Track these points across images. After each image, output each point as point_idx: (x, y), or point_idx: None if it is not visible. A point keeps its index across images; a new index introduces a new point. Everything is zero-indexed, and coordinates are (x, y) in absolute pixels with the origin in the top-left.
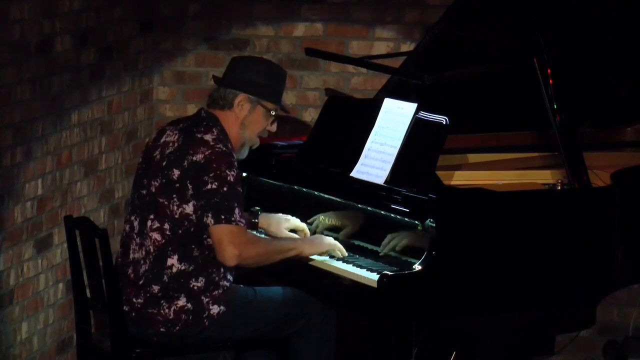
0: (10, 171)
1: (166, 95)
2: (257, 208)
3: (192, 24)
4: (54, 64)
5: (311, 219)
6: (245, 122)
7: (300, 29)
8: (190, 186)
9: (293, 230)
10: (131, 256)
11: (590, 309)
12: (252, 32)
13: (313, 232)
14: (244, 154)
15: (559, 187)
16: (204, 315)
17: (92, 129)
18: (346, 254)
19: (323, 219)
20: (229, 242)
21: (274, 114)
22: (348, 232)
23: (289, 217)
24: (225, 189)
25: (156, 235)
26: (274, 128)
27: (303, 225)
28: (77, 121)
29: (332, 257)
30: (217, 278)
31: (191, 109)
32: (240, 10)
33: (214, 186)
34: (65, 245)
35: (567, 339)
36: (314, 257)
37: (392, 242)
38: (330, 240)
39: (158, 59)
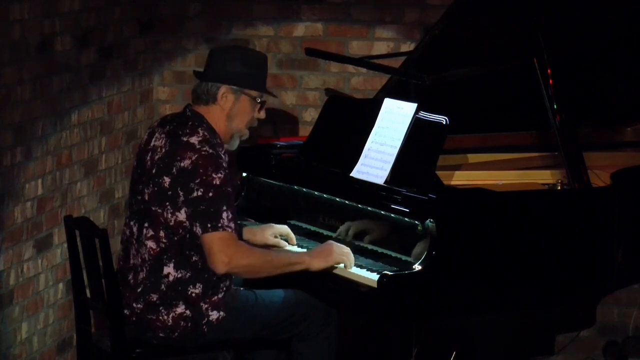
0: (10, 171)
1: (166, 95)
2: (243, 223)
3: (192, 24)
4: (54, 64)
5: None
6: (232, 113)
7: (300, 29)
8: (181, 193)
9: (283, 237)
10: (131, 261)
11: (590, 309)
12: (252, 32)
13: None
14: (233, 145)
15: (559, 187)
16: (203, 322)
17: (92, 129)
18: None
19: (347, 227)
20: (217, 249)
21: (259, 101)
22: (348, 233)
23: (272, 224)
24: (211, 194)
25: (151, 244)
26: (262, 115)
27: (287, 230)
28: (77, 121)
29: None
30: (216, 281)
31: None
32: (240, 10)
33: (199, 193)
34: (65, 245)
35: (567, 339)
36: None
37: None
38: (340, 251)
39: (158, 59)
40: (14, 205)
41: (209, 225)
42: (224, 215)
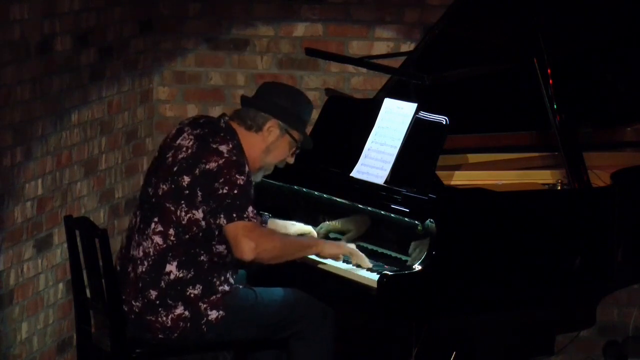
0: (10, 171)
1: (166, 95)
2: (267, 213)
3: (192, 24)
4: (54, 64)
5: (318, 227)
6: (271, 147)
7: (300, 29)
8: (199, 193)
9: (301, 234)
10: (131, 252)
11: (590, 309)
12: (252, 32)
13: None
14: (257, 178)
15: (559, 187)
16: (202, 322)
17: (92, 129)
18: (370, 265)
19: (328, 224)
20: (243, 235)
21: (297, 145)
22: (341, 227)
23: (294, 222)
24: (236, 191)
25: (158, 239)
26: (292, 160)
27: (309, 228)
28: (77, 121)
29: (347, 262)
30: (216, 284)
31: (191, 109)
32: (240, 10)
33: (224, 190)
34: (65, 245)
35: (567, 339)
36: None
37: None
38: (351, 246)
39: (158, 59)
40: (14, 205)
41: (234, 215)
42: (249, 209)
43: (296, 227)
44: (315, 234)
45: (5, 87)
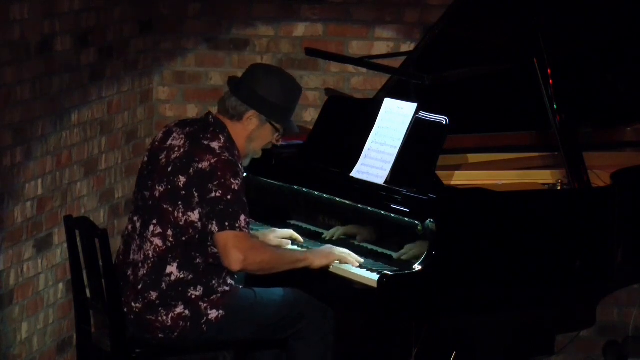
0: (10, 171)
1: (166, 95)
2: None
3: (192, 24)
4: (54, 64)
5: (329, 232)
6: (253, 136)
7: (300, 29)
8: (196, 194)
9: (293, 240)
10: (131, 257)
11: (590, 309)
12: (252, 32)
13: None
14: (245, 162)
15: (559, 187)
16: (202, 321)
17: (92, 129)
18: (360, 260)
19: (336, 230)
20: (233, 246)
21: (281, 131)
22: (348, 232)
23: (274, 229)
24: (229, 197)
25: (157, 241)
26: (279, 142)
27: (290, 232)
28: (77, 121)
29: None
30: (216, 285)
31: (191, 109)
32: (240, 10)
33: (218, 194)
34: (65, 245)
35: (567, 339)
36: None
37: (406, 250)
38: (340, 251)
39: (158, 59)
40: (14, 205)
41: (226, 224)
42: (242, 217)
43: (276, 233)
44: (298, 235)
45: (5, 87)
